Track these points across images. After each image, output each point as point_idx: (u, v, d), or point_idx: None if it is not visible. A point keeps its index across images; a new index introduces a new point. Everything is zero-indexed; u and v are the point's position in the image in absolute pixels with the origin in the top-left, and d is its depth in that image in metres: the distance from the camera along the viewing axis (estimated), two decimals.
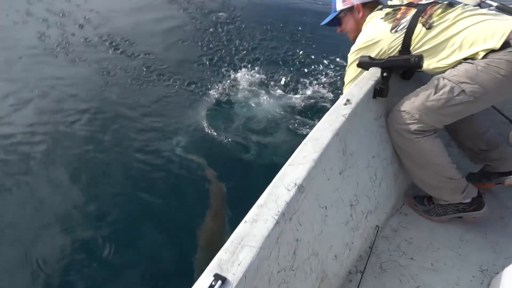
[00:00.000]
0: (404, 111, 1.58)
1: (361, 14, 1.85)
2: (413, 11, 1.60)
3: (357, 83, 1.64)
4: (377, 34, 1.64)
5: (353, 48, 1.74)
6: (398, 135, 1.64)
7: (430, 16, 1.55)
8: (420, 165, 1.65)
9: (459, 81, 1.46)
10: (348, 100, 1.51)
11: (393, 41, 1.60)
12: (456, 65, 1.51)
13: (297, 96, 3.53)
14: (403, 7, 1.65)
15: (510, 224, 1.82)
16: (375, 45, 1.65)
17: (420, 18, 1.56)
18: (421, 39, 1.55)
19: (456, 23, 1.50)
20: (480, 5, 2.57)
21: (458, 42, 1.48)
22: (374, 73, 1.69)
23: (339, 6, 1.89)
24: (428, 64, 1.57)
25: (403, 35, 1.57)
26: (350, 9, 1.87)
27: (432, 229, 1.76)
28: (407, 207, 1.86)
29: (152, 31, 4.86)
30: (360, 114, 1.54)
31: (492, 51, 1.42)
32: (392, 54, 1.63)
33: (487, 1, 2.53)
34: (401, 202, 1.88)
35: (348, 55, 1.78)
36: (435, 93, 1.50)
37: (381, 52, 1.65)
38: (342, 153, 1.43)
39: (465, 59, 1.49)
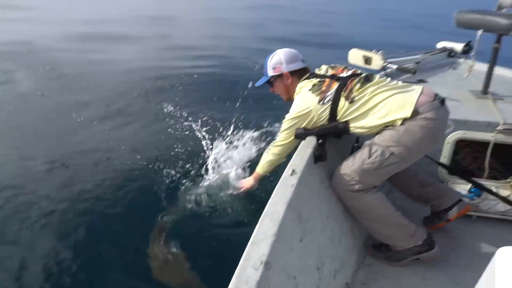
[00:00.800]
0: (345, 173, 1.77)
1: (289, 80, 2.05)
2: (336, 85, 1.80)
3: (298, 153, 1.80)
4: (307, 105, 1.83)
5: (288, 116, 1.93)
6: (344, 195, 1.81)
7: (351, 91, 1.76)
8: (370, 219, 1.81)
9: (387, 145, 1.69)
10: (293, 171, 1.65)
11: (321, 112, 1.81)
12: (380, 131, 1.75)
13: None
14: (327, 79, 1.85)
15: (461, 254, 1.98)
16: (306, 115, 1.85)
17: (342, 92, 1.77)
18: (345, 110, 1.77)
19: (374, 97, 1.73)
20: (384, 68, 3.05)
21: (378, 112, 1.72)
22: (311, 141, 1.88)
23: (270, 72, 2.11)
24: (355, 128, 1.79)
25: (330, 107, 1.79)
26: (280, 76, 2.08)
27: (397, 274, 1.84)
28: (369, 258, 1.95)
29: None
30: (306, 181, 1.67)
31: (406, 118, 1.67)
32: (322, 123, 1.84)
33: (388, 65, 3.00)
34: (363, 254, 1.97)
35: (283, 121, 1.97)
36: (370, 157, 1.72)
37: (312, 121, 1.85)
38: (298, 221, 1.51)
39: (386, 125, 1.72)
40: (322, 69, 2.00)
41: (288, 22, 16.08)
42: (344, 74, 1.88)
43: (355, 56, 2.99)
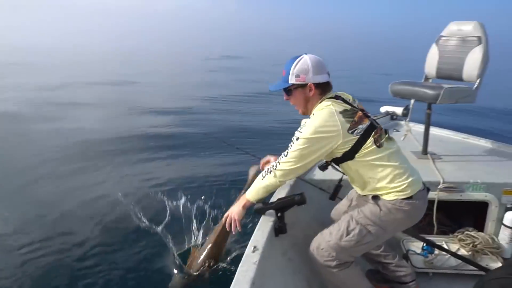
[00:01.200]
0: (322, 249, 1.80)
1: (312, 93, 1.80)
2: (367, 122, 1.71)
3: (259, 228, 1.86)
4: (337, 127, 1.66)
5: (307, 133, 1.68)
6: (321, 269, 1.83)
7: (380, 136, 1.73)
8: None
9: (366, 223, 1.77)
10: (255, 247, 1.68)
11: (347, 141, 1.68)
12: (366, 197, 1.81)
13: None
14: (359, 112, 1.73)
15: None
16: (332, 137, 1.67)
17: (373, 132, 1.71)
18: (369, 152, 1.69)
19: (396, 156, 1.75)
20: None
21: (391, 174, 1.70)
22: (270, 215, 1.95)
23: (292, 79, 1.81)
24: (356, 169, 1.76)
25: (356, 140, 1.68)
26: (302, 86, 1.80)
27: None
28: None
29: None
30: (268, 255, 1.71)
31: (401, 198, 1.70)
32: (339, 151, 1.72)
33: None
34: None
35: (300, 136, 1.70)
36: (347, 234, 1.77)
37: (333, 147, 1.69)
38: None
39: (377, 193, 1.76)
40: (350, 97, 1.85)
41: None
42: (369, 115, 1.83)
43: None
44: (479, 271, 2.23)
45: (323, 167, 2.00)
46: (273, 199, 2.04)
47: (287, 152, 1.75)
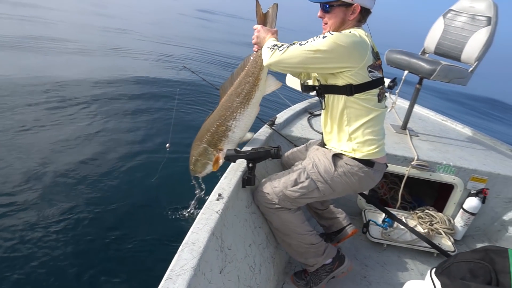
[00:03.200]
0: (266, 192, 1.76)
1: (354, 16, 1.63)
2: (381, 74, 1.64)
3: (226, 176, 1.74)
4: (364, 55, 1.55)
5: (341, 39, 1.50)
6: (264, 209, 1.81)
7: (383, 93, 1.68)
8: (285, 234, 1.82)
9: (317, 179, 1.70)
10: (220, 195, 1.57)
11: (360, 74, 1.56)
12: (327, 152, 1.74)
13: None
14: (379, 60, 1.65)
15: (372, 282, 2.09)
16: (356, 59, 1.54)
17: (381, 86, 1.65)
18: (369, 98, 1.61)
19: (382, 117, 1.69)
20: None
21: (368, 130, 1.65)
22: (240, 164, 1.83)
23: None
24: (343, 108, 1.65)
25: (367, 81, 1.58)
26: (347, 5, 1.62)
27: None
28: (287, 286, 1.95)
29: None
30: (232, 206, 1.61)
31: (363, 161, 1.66)
32: (345, 79, 1.58)
33: None
34: (282, 282, 1.96)
35: (330, 37, 1.50)
36: (294, 185, 1.71)
37: (348, 69, 1.55)
38: (220, 251, 1.44)
39: (339, 152, 1.70)
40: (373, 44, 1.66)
41: None
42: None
43: (293, 80, 3.00)
44: (431, 249, 2.30)
45: (308, 88, 1.81)
46: (247, 148, 1.91)
47: (305, 43, 1.54)
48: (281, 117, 2.66)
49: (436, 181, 2.60)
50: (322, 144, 1.86)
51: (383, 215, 2.48)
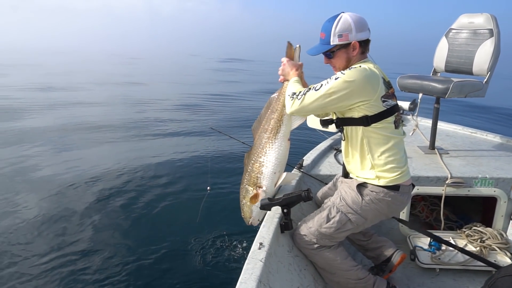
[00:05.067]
0: (304, 235, 1.84)
1: (356, 52, 1.72)
2: (395, 101, 1.72)
3: (264, 224, 1.85)
4: (376, 87, 1.63)
5: (352, 76, 1.60)
6: (305, 251, 1.88)
7: (400, 120, 1.76)
8: (331, 273, 1.87)
9: (347, 211, 1.78)
10: (261, 244, 1.67)
11: (375, 105, 1.64)
12: (351, 183, 1.82)
13: None
14: (392, 88, 1.73)
15: None
16: (369, 91, 1.62)
17: (396, 113, 1.73)
18: (385, 127, 1.69)
19: (400, 144, 1.76)
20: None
21: (388, 157, 1.71)
22: (276, 211, 1.94)
23: (334, 41, 1.71)
24: (361, 138, 1.72)
25: (381, 110, 1.66)
26: (345, 46, 1.72)
27: None
28: None
29: None
30: (274, 253, 1.70)
31: (388, 186, 1.72)
32: (361, 111, 1.66)
33: None
34: None
35: (342, 76, 1.60)
36: (327, 221, 1.80)
37: (362, 102, 1.63)
38: None
39: (367, 177, 1.76)
40: (383, 74, 1.76)
41: None
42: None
43: (313, 121, 3.13)
44: (487, 267, 2.21)
45: (326, 123, 1.90)
46: (279, 195, 2.02)
47: (320, 87, 1.64)
48: (308, 158, 2.78)
49: (477, 196, 2.55)
50: (345, 175, 1.95)
51: (429, 239, 2.44)
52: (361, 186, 1.80)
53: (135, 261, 3.03)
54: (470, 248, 2.42)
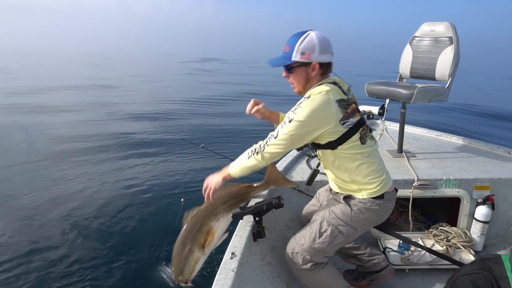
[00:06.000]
0: (297, 253, 1.81)
1: (315, 72, 1.73)
2: (358, 116, 1.71)
3: (236, 233, 1.85)
4: (331, 116, 1.64)
5: (301, 116, 1.62)
6: (299, 273, 1.84)
7: (366, 133, 1.75)
8: None
9: (337, 223, 1.79)
10: (233, 253, 1.67)
11: (336, 131, 1.66)
12: (337, 196, 1.87)
13: None
14: (353, 104, 1.72)
15: None
16: (324, 123, 1.64)
17: (361, 128, 1.71)
18: (352, 146, 1.70)
19: (373, 155, 1.77)
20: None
21: (365, 170, 1.73)
22: (248, 219, 1.95)
23: (296, 57, 1.70)
24: (333, 160, 1.75)
25: (344, 132, 1.67)
26: (306, 64, 1.72)
27: None
28: None
29: None
30: (247, 262, 1.71)
31: (373, 196, 1.75)
32: (324, 138, 1.69)
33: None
34: None
35: (294, 118, 1.63)
36: (320, 236, 1.79)
37: (323, 132, 1.66)
38: None
39: (351, 190, 1.79)
40: (346, 86, 1.79)
41: None
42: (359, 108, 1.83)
43: None
44: (453, 265, 2.31)
45: (300, 147, 1.98)
46: (251, 203, 2.04)
47: (277, 134, 1.69)
48: (280, 165, 2.81)
49: (443, 197, 2.66)
50: (330, 188, 1.99)
51: (398, 241, 2.52)
52: (348, 198, 1.82)
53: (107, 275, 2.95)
54: (437, 247, 2.52)
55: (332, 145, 1.70)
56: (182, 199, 2.64)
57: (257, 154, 1.73)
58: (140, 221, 3.81)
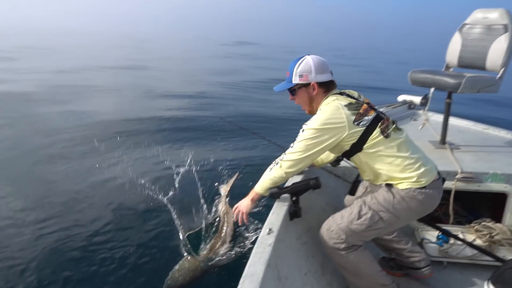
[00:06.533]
0: (332, 231, 1.82)
1: (315, 91, 1.86)
2: (373, 113, 1.74)
3: (273, 211, 1.88)
4: (342, 120, 1.70)
5: (313, 125, 1.73)
6: (331, 252, 1.85)
7: (387, 127, 1.74)
8: (355, 275, 1.86)
9: (379, 209, 1.77)
10: (270, 229, 1.71)
11: (353, 132, 1.71)
12: (378, 185, 1.83)
13: None
14: (365, 105, 1.77)
15: None
16: (337, 129, 1.70)
17: (379, 123, 1.73)
18: (376, 142, 1.72)
19: (406, 146, 1.75)
20: None
21: (402, 164, 1.71)
22: (285, 199, 1.97)
23: (295, 80, 1.87)
24: (365, 161, 1.77)
25: (362, 132, 1.71)
26: (306, 85, 1.87)
27: None
28: None
29: None
30: (283, 239, 1.74)
31: (414, 187, 1.71)
32: (345, 144, 1.75)
33: None
34: None
35: (306, 128, 1.76)
36: (358, 218, 1.78)
37: (340, 139, 1.72)
38: (278, 280, 1.56)
39: (390, 182, 1.76)
40: (354, 93, 1.89)
41: None
42: (377, 108, 1.87)
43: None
44: (495, 262, 2.22)
45: (335, 162, 2.00)
46: (288, 183, 2.06)
47: (293, 144, 1.79)
48: None
49: (487, 191, 2.55)
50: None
51: (437, 232, 2.45)
52: (390, 186, 1.79)
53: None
54: (479, 242, 2.42)
55: (357, 147, 1.74)
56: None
57: (277, 164, 1.85)
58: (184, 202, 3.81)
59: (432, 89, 3.01)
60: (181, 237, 3.10)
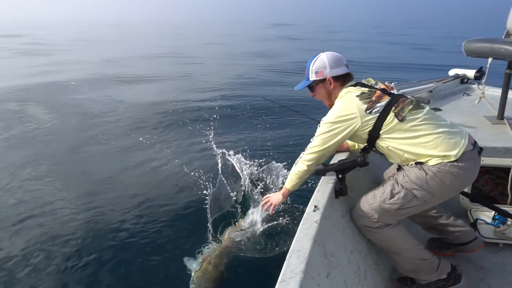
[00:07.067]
0: (364, 211, 1.79)
1: (332, 86, 1.93)
2: (387, 99, 1.74)
3: (319, 189, 1.86)
4: (353, 111, 1.74)
5: (327, 119, 1.81)
6: (365, 230, 1.84)
7: (402, 109, 1.71)
8: (393, 252, 1.82)
9: (412, 187, 1.70)
10: (315, 207, 1.69)
11: (367, 120, 1.73)
12: (407, 164, 1.76)
13: None
14: (378, 91, 1.78)
15: (492, 285, 1.95)
16: (350, 121, 1.75)
17: (393, 107, 1.72)
18: (392, 127, 1.71)
19: (425, 125, 1.69)
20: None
21: (425, 143, 1.67)
22: (331, 176, 1.94)
23: (312, 76, 1.97)
24: (388, 149, 1.76)
25: (376, 118, 1.72)
26: (322, 81, 1.95)
27: None
28: None
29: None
30: (329, 216, 1.72)
31: (446, 161, 1.64)
32: (362, 133, 1.77)
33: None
34: None
35: (321, 124, 1.83)
36: (391, 197, 1.73)
37: (355, 129, 1.75)
38: (324, 257, 1.55)
39: (419, 161, 1.70)
40: (371, 81, 1.93)
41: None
42: (395, 92, 1.86)
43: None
44: None
45: (363, 150, 1.92)
46: (334, 160, 2.01)
47: (312, 139, 1.88)
48: None
49: None
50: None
51: (492, 213, 2.31)
52: (420, 163, 1.72)
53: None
54: None
55: (375, 135, 1.76)
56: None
57: (300, 159, 1.95)
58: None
59: (490, 60, 2.77)
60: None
